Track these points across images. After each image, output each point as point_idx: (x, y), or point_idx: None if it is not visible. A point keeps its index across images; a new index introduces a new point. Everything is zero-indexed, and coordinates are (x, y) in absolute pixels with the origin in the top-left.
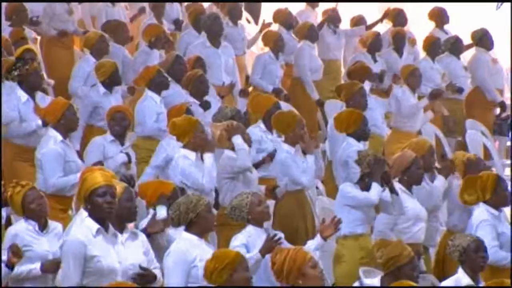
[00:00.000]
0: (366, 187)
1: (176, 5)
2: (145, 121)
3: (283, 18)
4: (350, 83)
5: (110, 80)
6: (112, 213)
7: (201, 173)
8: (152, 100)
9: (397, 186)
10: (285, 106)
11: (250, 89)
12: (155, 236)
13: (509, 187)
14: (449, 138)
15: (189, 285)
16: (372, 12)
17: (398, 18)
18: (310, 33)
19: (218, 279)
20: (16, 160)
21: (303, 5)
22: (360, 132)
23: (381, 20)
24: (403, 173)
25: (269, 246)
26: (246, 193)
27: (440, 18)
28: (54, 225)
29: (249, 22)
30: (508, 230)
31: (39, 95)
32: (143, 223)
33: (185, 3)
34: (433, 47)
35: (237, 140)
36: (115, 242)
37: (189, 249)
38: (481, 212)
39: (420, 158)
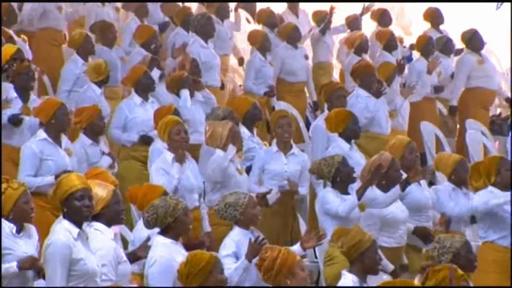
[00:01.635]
0: (344, 189)
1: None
2: (111, 124)
3: (267, 18)
4: (330, 83)
5: (107, 80)
6: (89, 217)
7: (162, 176)
8: (131, 101)
9: (377, 190)
10: (284, 106)
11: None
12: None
13: None
14: (449, 138)
15: None
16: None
17: (383, 18)
18: (293, 35)
19: (193, 282)
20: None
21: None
22: (349, 131)
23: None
24: (381, 176)
25: (255, 250)
26: (243, 194)
27: (434, 18)
28: (28, 227)
29: (249, 22)
30: None
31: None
32: (139, 226)
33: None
34: (426, 46)
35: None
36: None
37: (172, 256)
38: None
39: (398, 160)
